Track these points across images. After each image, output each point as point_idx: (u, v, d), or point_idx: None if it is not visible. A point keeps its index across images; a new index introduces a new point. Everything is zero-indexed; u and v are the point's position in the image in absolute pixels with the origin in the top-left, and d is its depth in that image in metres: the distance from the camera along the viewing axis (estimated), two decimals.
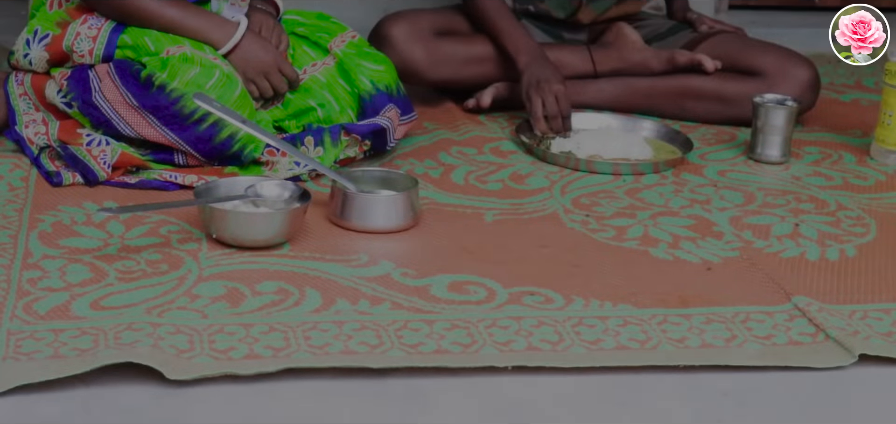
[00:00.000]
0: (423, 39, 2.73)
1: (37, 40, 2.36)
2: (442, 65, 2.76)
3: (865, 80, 3.27)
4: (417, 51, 2.72)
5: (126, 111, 2.24)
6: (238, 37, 2.37)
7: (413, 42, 2.72)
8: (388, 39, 2.69)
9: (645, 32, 2.95)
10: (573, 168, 2.47)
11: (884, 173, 2.53)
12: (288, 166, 2.30)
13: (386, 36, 2.71)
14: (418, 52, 2.72)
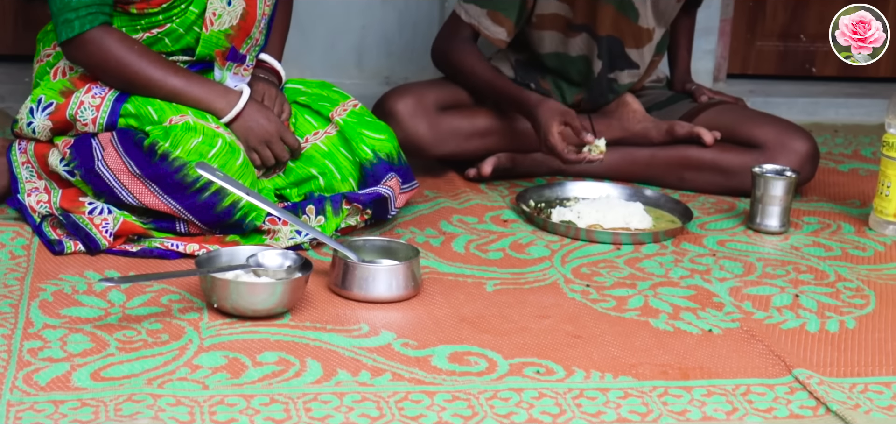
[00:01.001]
0: (427, 115, 2.75)
1: (40, 109, 2.37)
2: (446, 140, 2.77)
3: (863, 150, 3.29)
4: (421, 127, 2.74)
5: (129, 180, 2.25)
6: (241, 106, 2.38)
7: (417, 118, 2.73)
8: (393, 115, 2.70)
9: (645, 101, 2.98)
10: (573, 237, 2.48)
11: (882, 243, 2.54)
12: (289, 234, 2.30)
13: (390, 112, 2.71)
14: (422, 127, 2.74)
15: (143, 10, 2.38)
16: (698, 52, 3.37)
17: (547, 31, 2.85)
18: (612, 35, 2.84)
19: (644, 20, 2.84)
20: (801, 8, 3.73)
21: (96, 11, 2.30)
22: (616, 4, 2.81)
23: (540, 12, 2.82)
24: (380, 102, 2.77)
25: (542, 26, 2.84)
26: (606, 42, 2.84)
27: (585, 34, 2.84)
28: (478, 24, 2.80)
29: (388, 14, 3.44)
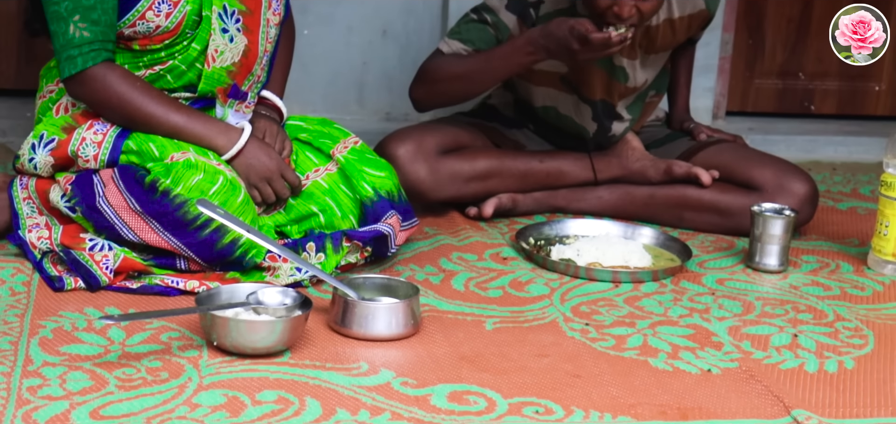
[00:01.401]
0: (427, 160, 2.75)
1: (42, 145, 2.38)
2: (446, 184, 2.77)
3: (862, 188, 3.30)
4: (422, 171, 2.74)
5: (129, 217, 2.26)
6: (242, 143, 2.39)
7: (418, 163, 2.73)
8: (394, 160, 2.69)
9: (643, 137, 2.99)
10: (573, 275, 2.49)
11: (881, 283, 2.54)
12: (289, 271, 2.31)
13: (391, 156, 2.70)
14: (423, 172, 2.74)
15: (146, 46, 2.39)
16: (697, 89, 3.38)
17: (536, 85, 2.85)
18: (604, 99, 2.84)
19: (632, 80, 2.84)
20: (800, 46, 3.75)
21: (99, 48, 2.32)
22: (607, 71, 2.80)
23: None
24: (380, 146, 2.76)
25: (532, 80, 2.84)
26: (600, 106, 2.85)
27: (576, 97, 2.84)
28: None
29: (388, 50, 3.46)
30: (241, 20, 2.44)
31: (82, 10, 2.29)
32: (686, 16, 2.82)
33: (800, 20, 3.73)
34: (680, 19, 2.81)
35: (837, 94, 3.81)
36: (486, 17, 2.77)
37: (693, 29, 2.88)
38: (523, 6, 2.74)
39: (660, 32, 2.80)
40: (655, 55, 2.85)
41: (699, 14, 2.84)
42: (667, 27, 2.81)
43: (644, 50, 2.82)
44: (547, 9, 2.75)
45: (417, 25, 3.45)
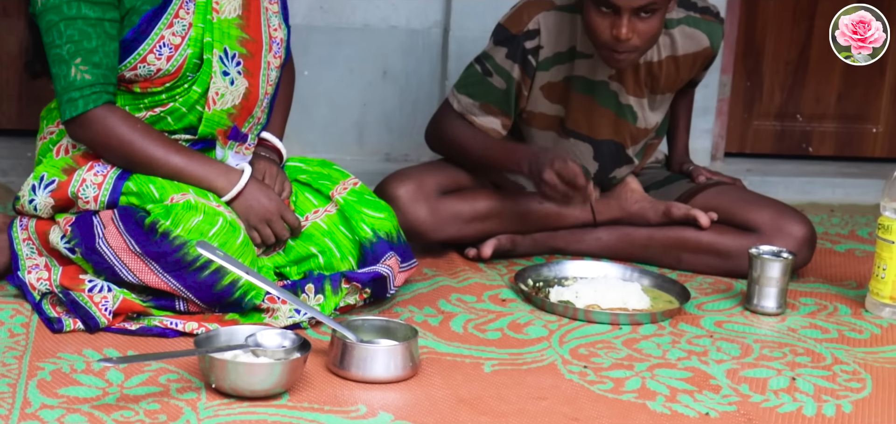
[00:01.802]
0: (427, 200, 2.76)
1: (43, 187, 2.39)
2: (446, 225, 2.78)
3: (860, 230, 3.31)
4: (422, 212, 2.75)
5: (129, 258, 2.27)
6: (241, 185, 2.40)
7: (418, 203, 2.75)
8: (394, 200, 2.70)
9: (642, 179, 3.00)
10: (571, 317, 2.49)
11: (879, 326, 2.55)
12: (288, 313, 2.31)
13: (391, 197, 2.72)
14: (423, 213, 2.75)
15: (147, 89, 2.41)
16: (696, 131, 3.40)
17: (538, 130, 2.86)
18: (613, 139, 2.86)
19: (642, 121, 2.86)
20: (798, 89, 3.77)
21: (100, 90, 2.33)
22: (614, 110, 2.82)
23: (530, 110, 2.84)
24: (380, 186, 2.78)
25: (532, 123, 2.86)
26: (607, 146, 2.86)
27: (578, 139, 2.85)
28: (471, 117, 2.81)
29: (388, 91, 3.48)
30: (242, 63, 2.46)
31: (84, 52, 2.30)
32: (690, 53, 2.83)
33: (797, 63, 3.75)
34: (684, 57, 2.83)
35: (835, 136, 3.83)
36: (489, 67, 2.79)
37: (696, 68, 2.89)
38: (523, 54, 2.76)
39: (663, 70, 2.82)
40: (661, 96, 2.87)
41: (703, 52, 2.85)
42: (670, 64, 2.82)
43: (650, 89, 2.84)
44: (546, 54, 2.77)
45: (417, 67, 3.47)
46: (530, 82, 2.79)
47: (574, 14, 2.76)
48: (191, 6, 2.42)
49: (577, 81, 2.79)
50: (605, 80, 2.79)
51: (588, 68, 2.78)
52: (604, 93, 2.80)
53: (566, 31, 2.76)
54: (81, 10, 2.29)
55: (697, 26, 2.82)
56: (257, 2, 2.51)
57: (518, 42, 2.75)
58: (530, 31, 2.75)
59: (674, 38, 2.80)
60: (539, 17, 2.75)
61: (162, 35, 2.38)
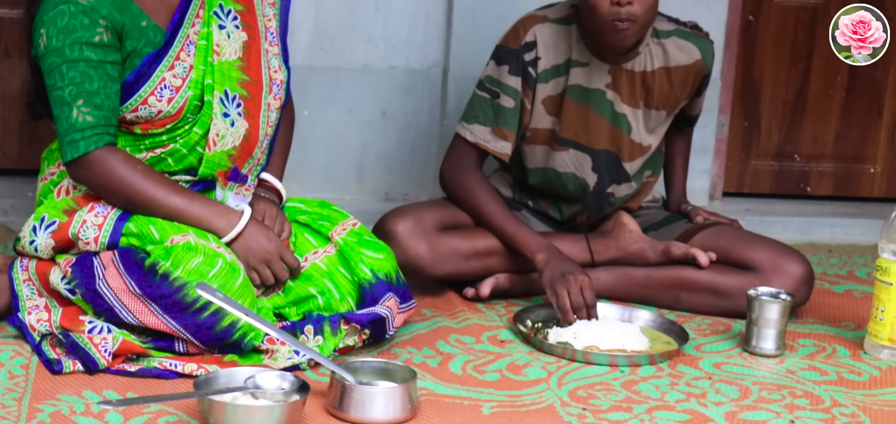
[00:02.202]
0: (426, 235, 2.77)
1: (43, 227, 2.40)
2: (445, 261, 2.80)
3: (858, 270, 3.31)
4: (421, 247, 2.76)
5: (129, 299, 2.27)
6: (241, 226, 2.41)
7: (417, 238, 2.76)
8: (392, 236, 2.73)
9: (641, 221, 3.01)
10: (570, 359, 2.49)
11: (877, 368, 2.55)
12: (287, 354, 2.32)
13: (390, 232, 2.74)
14: (422, 248, 2.76)
15: (148, 130, 2.42)
16: (694, 170, 3.41)
17: (538, 145, 2.90)
18: (609, 149, 2.89)
19: (637, 134, 2.89)
20: (795, 129, 3.79)
21: (102, 132, 2.34)
22: (610, 119, 2.86)
23: (534, 126, 2.87)
24: (379, 222, 2.80)
25: (534, 140, 2.89)
26: (603, 156, 2.89)
27: (574, 149, 2.88)
28: (484, 143, 2.84)
29: (388, 131, 3.49)
30: (243, 105, 2.48)
31: (86, 94, 2.32)
32: (682, 66, 2.87)
33: (795, 103, 3.77)
34: (676, 69, 2.86)
35: (833, 176, 3.84)
36: (495, 89, 2.84)
37: (689, 85, 2.91)
38: (524, 66, 2.82)
39: (657, 81, 2.85)
40: (657, 112, 2.89)
41: (695, 66, 2.88)
42: (663, 76, 2.85)
43: (645, 103, 2.87)
44: (544, 66, 2.82)
45: (416, 107, 3.48)
46: (532, 95, 2.84)
47: (569, 25, 2.82)
48: (192, 48, 2.44)
49: (573, 90, 2.84)
50: (601, 88, 2.83)
51: (584, 76, 2.83)
52: (600, 101, 2.84)
53: (562, 43, 2.82)
54: (83, 52, 2.31)
55: (688, 39, 2.88)
56: (258, 44, 2.53)
57: (518, 55, 2.81)
58: (528, 43, 2.82)
59: (666, 48, 2.85)
60: (535, 30, 2.82)
61: (163, 77, 2.40)
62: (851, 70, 3.74)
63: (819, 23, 3.70)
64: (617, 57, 2.82)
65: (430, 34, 3.45)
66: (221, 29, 2.48)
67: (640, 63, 2.84)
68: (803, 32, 3.71)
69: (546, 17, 2.84)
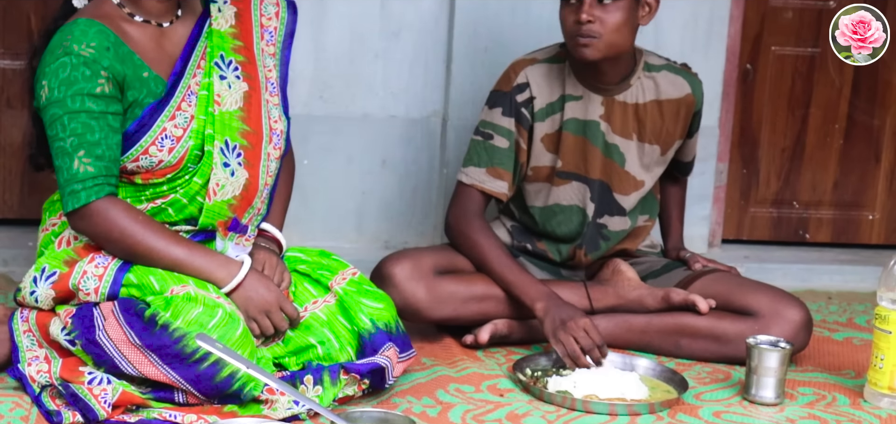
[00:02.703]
0: (424, 279, 2.79)
1: (44, 278, 2.41)
2: (443, 304, 2.81)
3: (858, 318, 3.31)
4: (419, 290, 2.78)
5: (129, 350, 2.28)
6: (241, 276, 2.42)
7: (415, 282, 2.78)
8: (390, 279, 2.75)
9: (640, 269, 3.01)
10: (570, 408, 2.49)
11: (877, 416, 2.55)
12: (287, 405, 2.32)
13: (388, 275, 2.76)
14: (420, 291, 2.78)
15: (148, 180, 2.44)
16: (693, 218, 3.42)
17: (541, 183, 2.92)
18: (602, 179, 2.93)
19: (630, 166, 2.92)
20: (794, 176, 3.80)
21: (102, 183, 2.35)
22: (602, 149, 2.90)
23: (535, 165, 2.91)
24: (378, 266, 2.82)
25: (538, 178, 2.92)
26: (597, 185, 2.93)
27: (575, 181, 2.92)
28: (481, 185, 2.87)
29: (387, 179, 3.51)
30: (243, 154, 2.49)
31: (87, 145, 2.33)
32: (673, 99, 2.92)
33: (793, 150, 3.79)
34: (668, 102, 2.91)
35: (832, 222, 3.85)
36: (489, 131, 2.89)
37: (681, 119, 2.95)
38: (517, 107, 2.88)
39: (649, 114, 2.90)
40: (650, 146, 2.93)
41: (686, 100, 2.93)
42: (655, 109, 2.90)
43: (638, 135, 2.91)
44: (539, 105, 2.88)
45: (416, 155, 3.50)
46: (528, 135, 2.89)
47: (560, 63, 2.89)
48: (193, 98, 2.46)
49: (570, 124, 2.88)
50: (596, 119, 2.89)
51: (580, 109, 2.89)
52: (594, 132, 2.90)
53: (555, 80, 2.89)
54: (85, 103, 2.33)
55: (679, 74, 2.95)
56: (258, 94, 2.54)
57: (510, 97, 2.88)
58: (520, 84, 2.88)
59: (657, 81, 2.91)
60: (526, 72, 2.89)
61: (164, 127, 2.41)
62: (849, 117, 3.76)
63: (816, 70, 3.72)
64: (609, 88, 2.88)
65: (429, 83, 3.47)
66: (222, 79, 2.49)
67: (632, 95, 2.89)
68: (801, 80, 3.73)
69: (535, 59, 2.91)
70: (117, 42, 2.38)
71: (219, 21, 2.53)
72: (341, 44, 3.41)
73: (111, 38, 2.37)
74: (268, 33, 2.61)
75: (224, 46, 2.52)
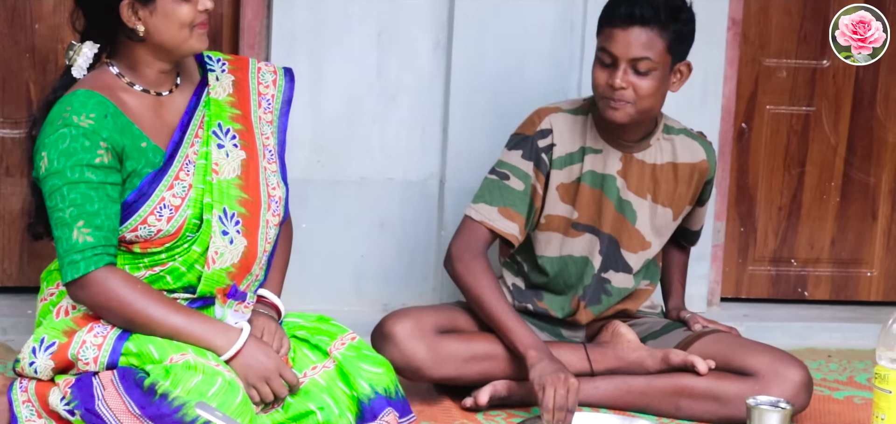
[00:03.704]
0: (425, 338, 2.79)
1: (43, 349, 2.41)
2: (444, 363, 2.80)
3: (858, 376, 3.31)
4: (420, 349, 2.78)
5: (129, 420, 2.27)
6: (240, 344, 2.42)
7: (416, 340, 2.78)
8: (391, 338, 2.75)
9: (640, 330, 3.01)
10: None
11: None
12: None
13: (388, 334, 2.77)
14: (421, 350, 2.78)
15: (147, 249, 2.44)
16: (692, 277, 3.42)
17: (554, 232, 2.93)
18: (611, 234, 2.93)
19: (641, 224, 2.93)
20: (791, 233, 3.81)
21: (101, 252, 2.36)
22: (615, 204, 2.92)
23: (549, 213, 2.91)
24: (378, 325, 2.82)
25: (550, 227, 2.93)
26: (606, 239, 2.93)
27: (589, 233, 2.93)
28: (491, 224, 2.87)
29: (386, 242, 3.51)
30: (241, 222, 2.50)
31: (86, 216, 2.34)
32: (688, 163, 2.94)
33: (790, 208, 3.80)
34: (683, 166, 2.94)
35: (830, 280, 3.86)
36: (506, 171, 2.90)
37: (694, 185, 2.97)
38: (537, 152, 2.89)
39: (664, 175, 2.92)
40: (663, 209, 2.94)
41: (700, 166, 2.96)
42: (670, 172, 2.93)
43: (652, 195, 2.92)
44: (559, 153, 2.90)
45: (414, 217, 3.50)
46: (545, 181, 2.89)
47: (584, 116, 2.92)
48: (191, 167, 2.47)
49: (587, 176, 2.90)
50: (613, 174, 2.90)
51: (599, 163, 2.91)
52: (610, 186, 2.91)
53: (577, 131, 2.91)
54: (84, 174, 2.34)
55: (695, 139, 2.98)
56: (256, 162, 2.55)
57: (532, 141, 2.88)
58: (543, 130, 2.89)
59: (675, 144, 2.94)
60: (550, 118, 2.91)
61: (162, 196, 2.42)
62: (845, 175, 3.78)
63: (811, 129, 3.75)
64: (629, 145, 2.90)
65: (426, 146, 3.49)
66: (220, 148, 2.51)
67: (650, 155, 2.92)
68: (796, 139, 3.76)
69: (559, 109, 2.94)
70: (116, 113, 2.39)
71: (217, 90, 2.55)
72: (338, 108, 3.42)
73: (110, 109, 2.38)
74: (265, 101, 2.63)
75: (222, 115, 2.53)
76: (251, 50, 3.36)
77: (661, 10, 2.76)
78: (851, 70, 3.70)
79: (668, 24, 2.76)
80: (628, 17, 2.74)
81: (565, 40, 3.40)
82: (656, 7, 2.75)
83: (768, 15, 3.68)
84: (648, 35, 2.75)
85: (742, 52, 3.65)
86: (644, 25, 2.74)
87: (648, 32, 2.75)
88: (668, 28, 2.77)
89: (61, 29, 3.26)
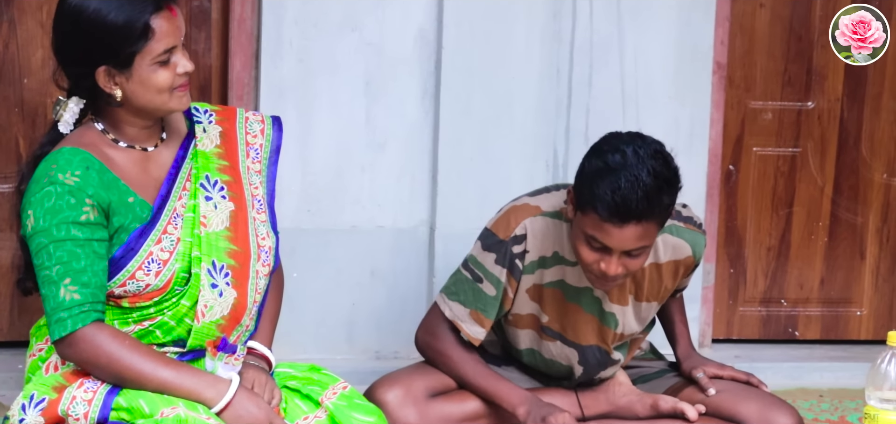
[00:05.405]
0: (416, 404, 2.78)
1: (33, 405, 2.40)
2: None
3: (850, 415, 3.31)
4: (411, 416, 2.77)
5: None
6: (230, 395, 2.41)
7: (407, 408, 2.77)
8: (383, 406, 2.71)
9: (631, 373, 3.01)
10: None
11: None
12: None
13: (380, 402, 2.73)
14: (412, 417, 2.77)
15: (136, 303, 2.44)
16: None
17: (522, 330, 2.88)
18: (597, 345, 2.87)
19: (626, 326, 2.87)
20: (780, 274, 3.82)
21: (89, 309, 2.35)
22: (598, 317, 2.83)
23: (516, 312, 2.85)
24: (369, 392, 2.80)
25: (518, 325, 2.88)
26: (590, 351, 2.87)
27: (560, 342, 2.86)
28: (459, 323, 2.82)
29: (377, 290, 3.51)
30: (231, 274, 2.50)
31: (73, 273, 2.34)
32: (672, 262, 2.84)
33: (779, 248, 3.81)
34: (666, 264, 2.83)
35: (821, 319, 3.87)
36: (479, 273, 2.81)
37: (679, 276, 2.88)
38: (511, 259, 2.78)
39: (646, 278, 2.83)
40: (647, 304, 2.87)
41: (685, 261, 2.85)
42: (653, 272, 2.83)
43: (634, 296, 2.85)
44: (531, 258, 2.78)
45: (405, 266, 3.51)
46: (516, 285, 2.81)
47: (560, 221, 2.78)
48: (178, 221, 2.47)
49: (562, 287, 2.81)
50: (589, 286, 2.79)
51: (573, 276, 2.79)
52: (588, 300, 2.82)
53: (551, 237, 2.78)
54: (70, 232, 2.34)
55: (681, 235, 2.82)
56: (245, 213, 2.55)
57: (506, 247, 2.77)
58: (517, 236, 2.77)
59: (656, 246, 2.78)
60: (526, 223, 2.77)
61: (150, 251, 2.42)
62: (832, 215, 3.80)
63: (798, 170, 3.77)
64: None
65: (416, 193, 3.50)
66: (208, 200, 2.51)
67: None
68: (783, 180, 3.78)
69: (539, 209, 2.79)
70: (102, 169, 2.40)
71: (204, 142, 2.55)
72: (328, 157, 3.44)
73: (95, 166, 2.39)
74: (253, 151, 2.63)
75: (209, 167, 2.53)
76: (240, 101, 3.38)
77: (654, 200, 2.54)
78: (836, 111, 3.73)
79: (663, 205, 2.57)
80: (624, 217, 2.53)
81: (552, 87, 3.43)
82: (651, 198, 2.53)
83: (753, 58, 3.71)
84: (645, 227, 2.56)
85: (728, 95, 3.68)
86: (640, 221, 2.54)
87: (645, 225, 2.55)
88: (662, 209, 2.58)
89: (50, 84, 3.24)
